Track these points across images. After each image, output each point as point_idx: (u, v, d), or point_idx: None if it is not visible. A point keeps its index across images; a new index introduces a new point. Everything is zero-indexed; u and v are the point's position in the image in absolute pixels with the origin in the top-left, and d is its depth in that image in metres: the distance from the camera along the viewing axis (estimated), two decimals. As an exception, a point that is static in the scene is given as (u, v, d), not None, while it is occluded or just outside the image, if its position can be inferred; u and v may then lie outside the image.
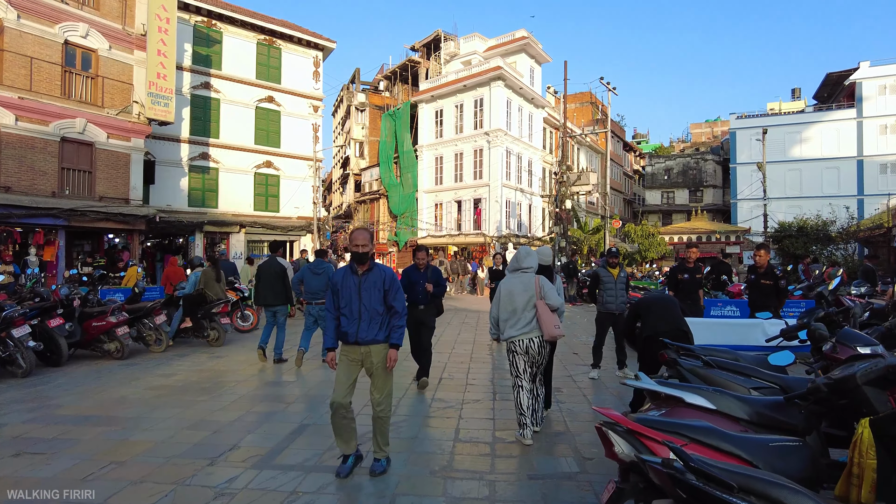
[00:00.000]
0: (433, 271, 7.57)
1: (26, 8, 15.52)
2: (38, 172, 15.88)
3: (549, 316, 4.97)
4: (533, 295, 5.03)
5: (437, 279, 7.47)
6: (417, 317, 7.16)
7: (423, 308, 7.20)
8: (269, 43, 25.34)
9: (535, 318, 5.00)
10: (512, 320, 5.07)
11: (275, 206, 25.69)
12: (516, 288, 5.10)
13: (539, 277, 5.18)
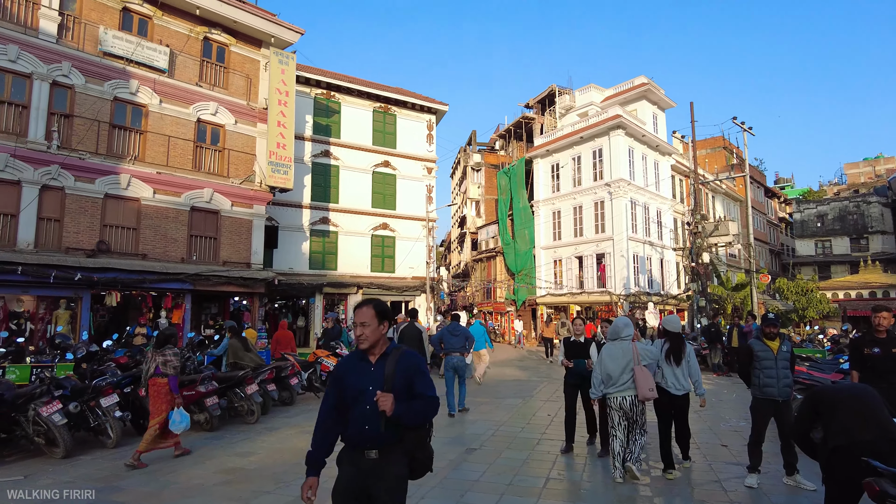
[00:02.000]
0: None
1: (167, 93, 17.04)
2: (171, 240, 16.93)
3: (645, 379, 5.79)
4: (630, 360, 5.91)
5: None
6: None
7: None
8: (384, 110, 26.14)
9: (631, 380, 5.87)
10: (610, 381, 5.97)
11: (390, 266, 25.72)
12: (616, 353, 5.99)
13: (635, 344, 6.00)
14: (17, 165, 14.10)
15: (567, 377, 7.69)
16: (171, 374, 7.31)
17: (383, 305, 3.04)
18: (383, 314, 3.00)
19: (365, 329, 2.94)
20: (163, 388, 7.27)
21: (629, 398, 5.87)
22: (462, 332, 10.30)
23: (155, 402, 7.26)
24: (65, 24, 15.43)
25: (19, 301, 14.10)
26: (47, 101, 14.78)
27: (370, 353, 3.00)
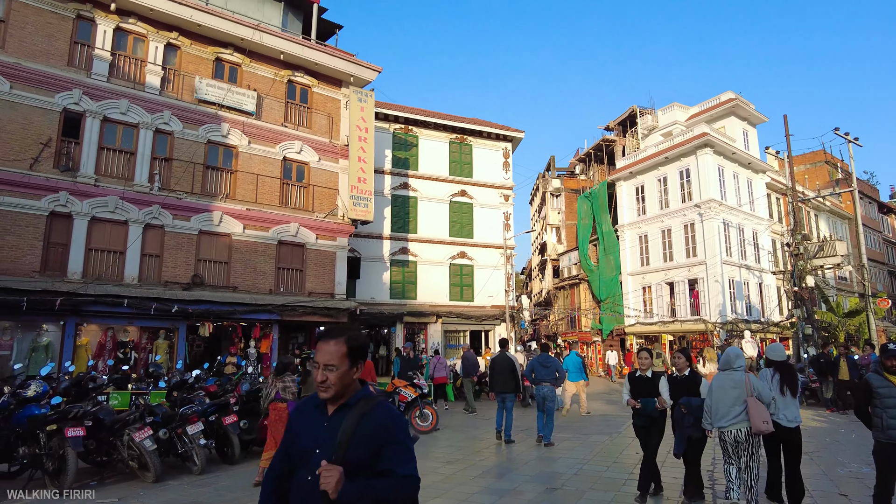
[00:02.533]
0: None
1: (255, 134, 18.13)
2: (259, 272, 17.77)
3: (759, 411, 5.49)
4: (743, 391, 5.63)
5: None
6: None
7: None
8: (460, 140, 26.46)
9: (744, 412, 5.59)
10: (721, 412, 5.71)
11: (469, 295, 25.62)
12: (726, 384, 5.73)
13: (748, 375, 5.72)
14: (125, 207, 15.42)
15: (634, 419, 6.85)
16: (290, 398, 7.90)
17: (359, 340, 2.19)
18: (357, 352, 2.15)
19: (330, 374, 2.07)
20: (283, 412, 7.81)
21: (745, 430, 5.63)
22: (553, 364, 10.52)
23: (275, 425, 7.79)
24: (166, 77, 16.89)
25: (125, 331, 15.24)
26: (151, 147, 16.15)
27: (330, 400, 2.14)
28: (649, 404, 6.57)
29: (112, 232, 15.37)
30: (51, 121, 14.76)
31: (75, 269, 14.58)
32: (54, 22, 15.28)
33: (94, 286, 14.41)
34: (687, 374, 6.59)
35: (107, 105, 15.57)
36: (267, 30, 18.29)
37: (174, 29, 16.99)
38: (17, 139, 14.27)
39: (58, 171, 14.65)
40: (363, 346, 2.20)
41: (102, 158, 15.53)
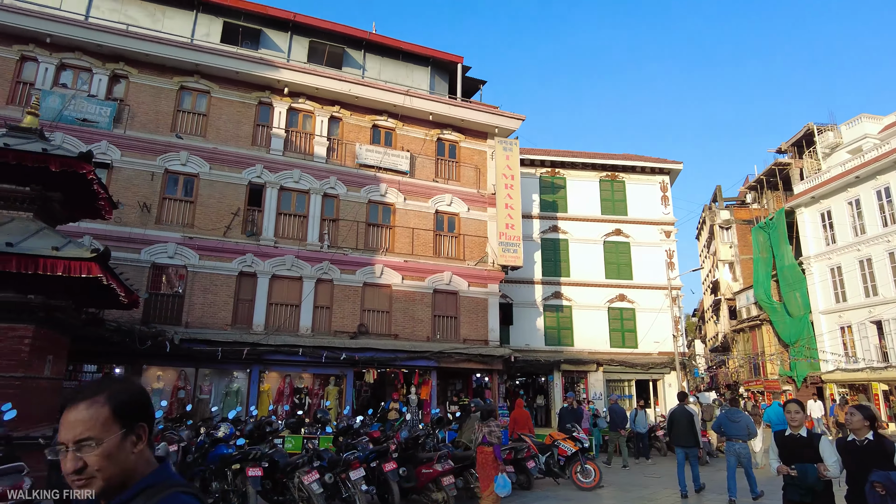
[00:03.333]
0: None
1: (410, 191, 19.27)
2: (417, 321, 18.49)
3: None
4: None
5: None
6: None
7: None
8: (611, 178, 25.61)
9: None
10: None
11: (632, 341, 24.09)
12: None
13: None
14: (300, 264, 17.15)
15: (787, 491, 5.10)
16: (496, 443, 8.23)
17: (129, 394, 1.47)
18: (130, 412, 1.44)
19: (89, 456, 1.35)
20: (489, 455, 8.17)
21: None
22: (744, 419, 10.03)
23: (483, 468, 8.22)
24: (331, 147, 18.79)
25: (300, 378, 16.65)
26: (320, 210, 17.92)
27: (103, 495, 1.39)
28: (809, 473, 4.85)
29: (289, 287, 17.13)
30: (239, 193, 17.13)
31: (259, 321, 16.41)
32: (241, 110, 17.90)
33: (274, 336, 16.07)
34: (871, 437, 4.78)
35: (283, 176, 17.68)
36: (417, 94, 19.62)
37: (336, 103, 18.95)
38: (214, 211, 16.73)
39: (245, 236, 16.84)
40: (138, 403, 1.48)
41: (280, 222, 17.55)
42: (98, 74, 16.69)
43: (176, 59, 17.10)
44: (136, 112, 16.80)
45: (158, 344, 14.52)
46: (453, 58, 21.18)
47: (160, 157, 16.54)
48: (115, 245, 14.02)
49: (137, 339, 14.30)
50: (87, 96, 16.33)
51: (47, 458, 8.57)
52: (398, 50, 20.59)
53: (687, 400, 11.46)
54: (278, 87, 18.21)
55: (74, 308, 10.63)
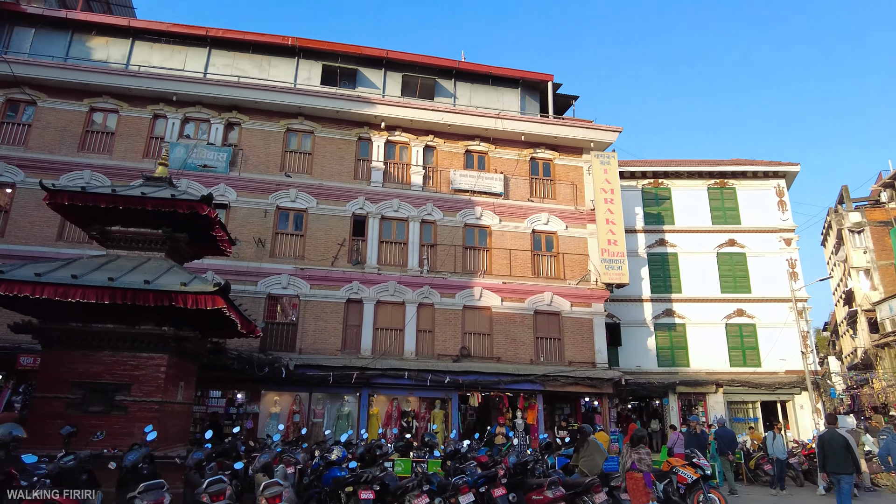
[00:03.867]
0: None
1: (505, 212, 19.24)
2: (519, 343, 18.23)
3: None
4: None
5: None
6: None
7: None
8: (720, 185, 24.07)
9: None
10: None
11: (754, 359, 22.19)
12: None
13: None
14: (402, 289, 17.60)
15: None
16: (645, 470, 8.30)
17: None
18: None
19: None
20: (639, 482, 8.25)
21: None
22: None
23: (634, 494, 8.26)
24: (427, 174, 19.28)
25: (407, 401, 16.92)
26: (418, 236, 18.36)
27: None
28: None
29: (392, 312, 17.60)
30: (344, 225, 17.98)
31: (366, 346, 16.96)
32: (343, 146, 18.90)
33: (380, 360, 16.52)
34: None
35: (383, 206, 18.36)
36: (507, 116, 19.71)
37: (430, 132, 19.47)
38: (322, 242, 17.66)
39: (351, 265, 17.60)
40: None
41: (382, 250, 18.16)
42: (215, 124, 18.37)
43: (281, 103, 18.46)
44: (248, 155, 18.25)
45: (275, 370, 15.42)
46: (543, 76, 21.10)
47: (272, 195, 17.81)
48: (235, 278, 15.18)
49: (256, 366, 15.28)
50: (206, 144, 18.01)
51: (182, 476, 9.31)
52: (487, 75, 20.86)
53: (836, 423, 10.74)
54: (375, 122, 19.05)
55: (201, 338, 11.54)
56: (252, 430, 15.21)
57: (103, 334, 10.31)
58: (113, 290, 9.54)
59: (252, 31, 19.79)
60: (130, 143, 17.81)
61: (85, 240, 14.80)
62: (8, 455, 7.23)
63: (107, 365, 10.27)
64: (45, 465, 7.68)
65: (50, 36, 18.92)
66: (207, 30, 19.25)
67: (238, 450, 11.57)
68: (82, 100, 17.86)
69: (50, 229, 16.34)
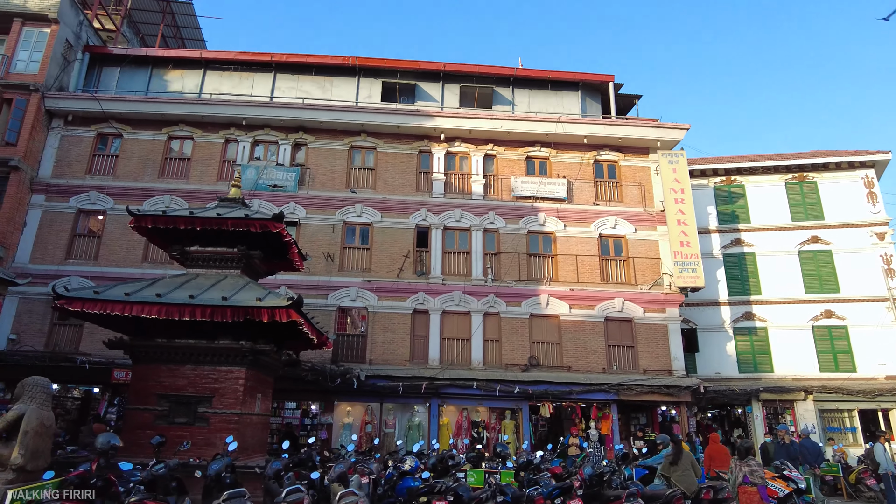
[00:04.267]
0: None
1: (569, 218, 18.89)
2: (590, 351, 17.76)
3: None
4: None
5: None
6: None
7: None
8: (798, 179, 22.65)
9: None
10: None
11: (848, 364, 20.58)
12: None
13: None
14: (466, 299, 17.58)
15: None
16: (759, 483, 8.05)
17: None
18: None
19: None
20: (754, 496, 7.99)
21: None
22: None
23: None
24: (487, 183, 19.25)
25: (476, 412, 16.81)
26: (481, 245, 18.33)
27: None
28: None
29: (459, 322, 17.61)
30: (408, 237, 18.21)
31: (434, 356, 17.03)
32: (405, 161, 19.20)
33: (448, 371, 16.52)
34: None
35: (445, 216, 18.47)
36: (568, 120, 19.41)
37: (489, 141, 19.46)
38: (387, 255, 17.95)
39: (416, 276, 17.76)
40: None
41: (446, 260, 18.25)
42: (283, 145, 19.11)
43: (344, 122, 19.01)
44: (315, 174, 18.85)
45: (347, 381, 15.74)
46: (603, 77, 20.67)
47: (339, 210, 18.31)
48: (306, 292, 15.61)
49: (329, 378, 15.66)
50: (275, 165, 18.75)
51: (262, 485, 9.60)
52: (545, 80, 20.66)
53: None
54: (435, 134, 19.24)
55: (276, 351, 11.93)
56: (326, 441, 15.55)
57: (186, 349, 10.85)
58: (193, 307, 10.04)
59: (314, 54, 20.52)
60: (205, 167, 18.81)
61: (167, 260, 15.69)
62: (107, 462, 7.69)
63: (190, 378, 10.79)
64: (139, 472, 8.13)
65: (132, 72, 20.33)
66: (272, 55, 20.11)
67: (314, 460, 11.84)
68: (161, 129, 19.06)
69: (136, 252, 17.45)
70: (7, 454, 7.34)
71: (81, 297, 10.48)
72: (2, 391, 15.88)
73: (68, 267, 17.27)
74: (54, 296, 10.61)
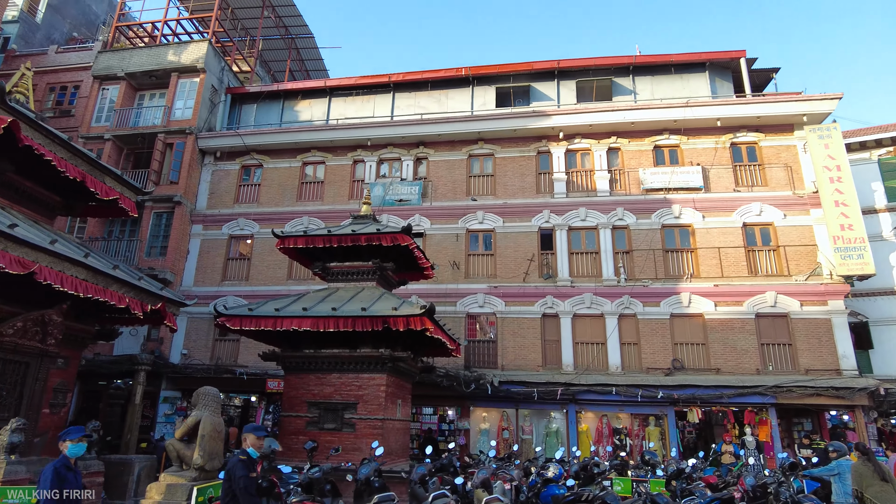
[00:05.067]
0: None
1: (707, 207, 17.52)
2: (741, 351, 16.26)
3: None
4: None
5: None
6: None
7: None
8: None
9: None
10: None
11: None
12: None
13: None
14: (598, 301, 16.91)
15: None
16: None
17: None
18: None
19: None
20: None
21: None
22: None
23: None
24: (612, 178, 18.42)
25: (617, 418, 16.04)
26: (611, 244, 17.55)
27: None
28: None
29: (591, 325, 16.96)
30: (531, 240, 17.94)
31: (567, 361, 16.53)
32: (523, 163, 19.00)
33: (584, 376, 15.95)
34: None
35: (569, 216, 17.96)
36: (697, 103, 18.10)
37: (612, 134, 18.65)
38: (512, 260, 17.82)
39: (542, 280, 17.41)
40: None
41: (573, 262, 17.70)
42: (405, 160, 19.77)
43: (461, 132, 19.26)
44: (437, 185, 19.26)
45: (481, 387, 15.77)
46: (733, 54, 19.03)
47: (461, 219, 18.53)
48: (435, 300, 15.84)
49: (463, 383, 15.79)
50: (399, 180, 19.44)
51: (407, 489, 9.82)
52: (668, 64, 19.44)
53: None
54: (553, 133, 18.84)
55: (412, 358, 12.25)
56: (464, 446, 15.67)
57: (331, 358, 11.49)
58: (336, 319, 10.63)
59: (428, 69, 21.06)
60: (337, 188, 19.97)
61: (309, 277, 16.84)
62: (270, 465, 8.31)
63: (336, 386, 11.40)
64: (297, 475, 8.68)
65: (267, 106, 22.22)
66: (390, 76, 20.94)
67: (454, 465, 11.95)
68: (296, 156, 20.56)
69: (281, 270, 18.90)
70: (189, 455, 8.20)
71: (238, 314, 11.52)
72: (179, 399, 17.91)
73: (224, 288, 19.13)
74: (215, 314, 11.79)
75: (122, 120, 20.69)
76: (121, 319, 11.70)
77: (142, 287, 10.29)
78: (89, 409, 18.25)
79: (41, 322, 9.38)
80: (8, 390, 9.21)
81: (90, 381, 17.79)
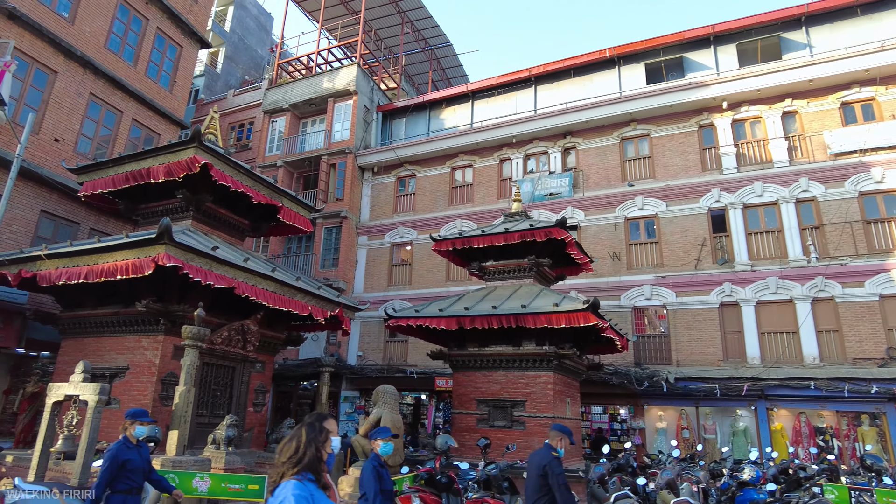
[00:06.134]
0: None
1: None
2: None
3: None
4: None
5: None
6: None
7: None
8: None
9: None
10: None
11: None
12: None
13: None
14: (785, 285, 15.01)
15: None
16: None
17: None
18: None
19: None
20: None
21: None
22: None
23: None
24: (791, 146, 16.28)
25: (819, 416, 14.11)
26: (796, 219, 15.48)
27: None
28: None
29: (779, 312, 15.11)
30: (700, 223, 16.49)
31: (753, 353, 14.90)
32: (684, 140, 17.56)
33: (773, 369, 14.28)
34: None
35: (743, 193, 16.21)
36: (893, 45, 15.32)
37: (785, 97, 16.51)
38: (679, 246, 16.53)
39: (717, 265, 15.91)
40: None
41: (752, 243, 15.93)
42: (552, 153, 19.35)
43: (611, 115, 18.35)
44: (588, 174, 18.57)
45: (654, 384, 14.84)
46: (942, -21, 15.84)
47: (618, 207, 17.65)
48: (596, 294, 15.24)
49: (634, 381, 14.99)
50: (548, 174, 19.08)
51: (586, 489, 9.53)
52: (849, 6, 16.68)
53: None
54: (715, 104, 17.19)
55: (578, 355, 11.89)
56: (641, 446, 14.86)
57: (495, 356, 11.57)
58: (498, 317, 10.69)
59: (569, 56, 20.40)
60: (486, 189, 20.17)
61: (466, 277, 17.19)
62: (447, 461, 8.55)
63: (502, 384, 11.45)
64: (474, 471, 8.82)
65: (415, 118, 23.17)
66: (530, 70, 20.67)
67: (632, 465, 11.38)
68: (445, 163, 21.16)
69: (440, 273, 19.54)
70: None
71: (406, 315, 12.11)
72: (357, 398, 19.32)
73: (390, 292, 20.27)
74: (385, 317, 12.52)
75: (290, 147, 22.93)
76: (304, 326, 12.94)
77: (321, 295, 11.26)
78: (283, 408, 20.46)
79: (241, 331, 10.70)
80: (221, 391, 10.63)
81: (281, 383, 19.90)
